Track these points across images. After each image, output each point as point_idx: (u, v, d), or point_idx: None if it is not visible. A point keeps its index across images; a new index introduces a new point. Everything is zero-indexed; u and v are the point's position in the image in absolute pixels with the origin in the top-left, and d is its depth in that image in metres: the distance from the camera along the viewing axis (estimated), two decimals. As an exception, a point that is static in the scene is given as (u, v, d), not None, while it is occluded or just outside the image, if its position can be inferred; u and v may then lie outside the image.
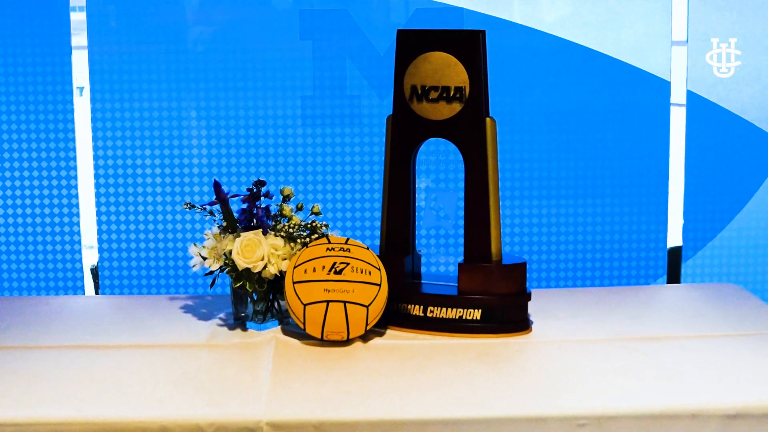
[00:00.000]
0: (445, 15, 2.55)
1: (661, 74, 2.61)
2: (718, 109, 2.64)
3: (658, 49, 2.61)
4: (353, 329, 2.01)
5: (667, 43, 2.61)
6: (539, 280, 2.67)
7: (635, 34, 2.60)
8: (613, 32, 2.60)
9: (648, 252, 2.68)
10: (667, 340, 2.06)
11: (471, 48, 2.06)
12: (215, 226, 2.13)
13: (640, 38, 2.60)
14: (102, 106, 2.56)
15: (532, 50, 2.60)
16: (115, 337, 2.08)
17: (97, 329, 2.13)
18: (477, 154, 2.08)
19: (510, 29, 2.59)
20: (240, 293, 2.12)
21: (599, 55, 2.60)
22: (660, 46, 2.61)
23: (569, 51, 2.59)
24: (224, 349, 2.01)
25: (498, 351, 2.01)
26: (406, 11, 2.56)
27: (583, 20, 2.59)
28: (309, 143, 2.60)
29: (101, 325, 2.16)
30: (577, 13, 2.59)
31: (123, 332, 2.11)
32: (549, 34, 2.60)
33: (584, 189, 2.65)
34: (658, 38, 2.60)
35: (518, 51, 2.59)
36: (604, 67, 2.61)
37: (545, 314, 2.21)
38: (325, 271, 2.00)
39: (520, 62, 2.59)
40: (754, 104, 2.63)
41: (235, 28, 2.56)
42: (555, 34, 2.60)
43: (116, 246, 2.61)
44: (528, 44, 2.60)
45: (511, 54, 2.58)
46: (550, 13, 2.60)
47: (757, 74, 2.61)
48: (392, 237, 2.16)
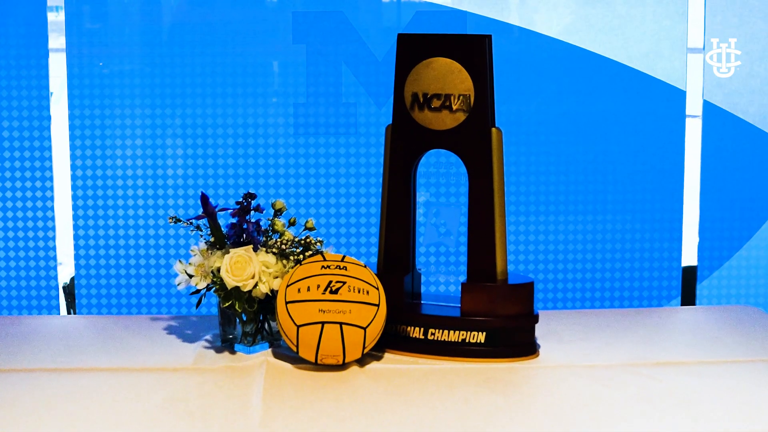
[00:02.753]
0: (448, 19, 2.57)
1: (676, 83, 2.64)
2: (736, 120, 2.66)
3: (672, 56, 2.63)
4: (350, 353, 2.01)
5: (682, 50, 2.63)
6: (546, 301, 2.68)
7: (648, 39, 2.62)
8: (624, 38, 2.62)
9: (661, 272, 2.69)
10: (682, 366, 2.07)
11: (476, 54, 2.07)
12: (202, 242, 2.14)
13: (653, 44, 2.62)
14: (81, 112, 2.57)
15: (540, 56, 2.61)
16: (93, 359, 2.08)
17: (74, 351, 2.13)
18: (482, 166, 2.09)
19: (516, 34, 2.61)
20: (228, 314, 2.13)
21: (610, 62, 2.62)
22: (674, 53, 2.63)
23: (578, 57, 2.61)
24: (211, 374, 2.01)
25: (503, 376, 2.01)
26: (406, 14, 2.58)
27: (593, 25, 2.61)
28: (302, 154, 2.62)
29: (78, 347, 2.16)
30: (586, 18, 2.61)
31: (101, 355, 2.11)
32: (557, 39, 2.62)
33: (594, 204, 2.67)
34: (673, 44, 2.62)
35: (525, 57, 2.61)
36: (614, 74, 2.63)
37: (554, 337, 2.21)
38: (320, 291, 2.01)
39: (527, 69, 2.61)
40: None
41: (223, 29, 2.58)
42: (563, 39, 2.62)
43: (94, 262, 2.61)
44: (535, 50, 2.62)
45: (518, 60, 2.60)
46: (558, 18, 2.62)
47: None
48: (391, 254, 2.17)
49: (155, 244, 2.61)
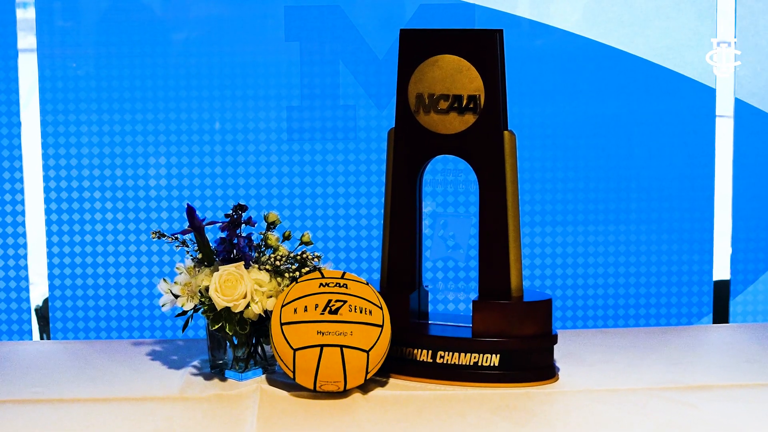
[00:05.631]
0: (455, 12, 2.58)
1: (704, 80, 2.64)
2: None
3: (700, 51, 2.63)
4: (351, 378, 2.02)
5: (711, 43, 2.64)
6: (565, 320, 2.69)
7: (673, 32, 2.63)
8: (646, 30, 2.63)
9: (691, 286, 2.70)
10: (716, 390, 2.07)
11: (486, 50, 2.08)
12: (189, 259, 2.14)
13: (678, 37, 2.63)
14: (54, 118, 2.57)
15: (555, 52, 2.62)
16: (71, 389, 2.08)
17: (49, 380, 2.13)
18: (493, 172, 2.10)
19: (528, 28, 2.62)
20: (218, 337, 2.14)
21: (631, 58, 2.63)
22: (702, 47, 2.63)
23: (597, 53, 2.62)
24: (200, 404, 2.02)
25: (519, 403, 2.02)
26: (409, 7, 2.59)
27: (612, 17, 2.62)
28: (296, 161, 2.62)
29: (53, 376, 2.16)
30: (604, 9, 2.62)
31: (81, 383, 2.11)
32: (573, 33, 2.62)
33: (616, 213, 2.67)
34: (701, 37, 2.63)
35: (539, 53, 2.62)
36: (636, 71, 2.63)
37: (574, 359, 2.22)
38: (318, 311, 2.01)
39: (541, 66, 2.62)
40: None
41: (210, 26, 2.58)
42: (580, 33, 2.63)
43: (70, 281, 2.61)
44: (550, 45, 2.62)
45: (531, 57, 2.61)
46: (573, 10, 2.63)
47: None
48: (395, 270, 2.17)
49: (137, 261, 2.61)
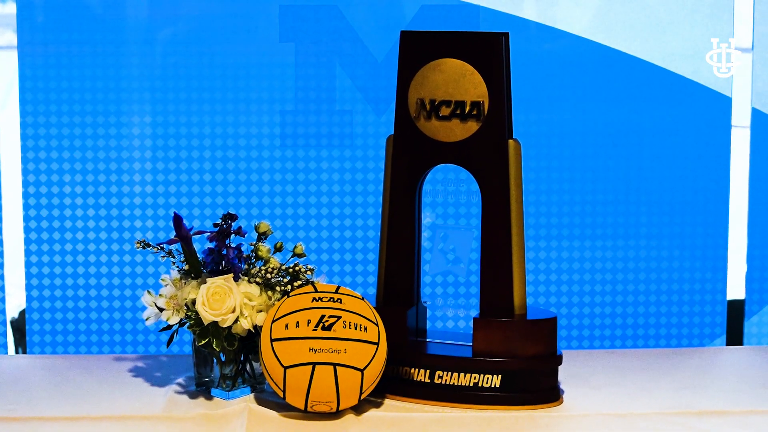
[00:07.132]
0: (458, 14, 2.58)
1: (720, 88, 2.65)
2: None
3: (715, 58, 2.63)
4: (345, 398, 2.01)
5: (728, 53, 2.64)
6: (571, 339, 2.68)
7: (687, 37, 2.63)
8: (659, 35, 2.63)
9: (703, 306, 2.69)
10: (729, 416, 2.07)
11: (491, 54, 2.08)
12: (174, 270, 2.14)
13: (693, 43, 2.63)
14: (34, 120, 2.57)
15: (563, 57, 2.63)
16: (48, 407, 2.08)
17: (25, 397, 2.13)
18: (497, 183, 2.10)
19: (537, 31, 2.62)
20: (204, 353, 2.13)
21: (642, 64, 2.63)
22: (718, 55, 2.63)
23: (606, 58, 2.62)
24: (184, 423, 2.01)
25: (521, 426, 2.01)
26: (410, 8, 2.59)
27: (623, 20, 2.62)
28: (290, 168, 2.62)
29: (30, 393, 2.16)
30: (614, 12, 2.62)
31: (58, 401, 2.10)
32: (582, 37, 2.63)
33: (626, 228, 2.67)
34: (716, 45, 2.63)
35: (546, 58, 2.62)
36: (648, 78, 2.64)
37: (579, 381, 2.22)
38: (311, 327, 2.01)
39: (548, 72, 2.62)
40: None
41: (199, 24, 2.59)
42: (589, 37, 2.63)
43: (48, 292, 2.61)
44: (557, 50, 2.63)
45: (538, 62, 2.61)
46: (582, 13, 2.63)
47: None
48: (392, 285, 2.17)
49: (120, 272, 2.61)
